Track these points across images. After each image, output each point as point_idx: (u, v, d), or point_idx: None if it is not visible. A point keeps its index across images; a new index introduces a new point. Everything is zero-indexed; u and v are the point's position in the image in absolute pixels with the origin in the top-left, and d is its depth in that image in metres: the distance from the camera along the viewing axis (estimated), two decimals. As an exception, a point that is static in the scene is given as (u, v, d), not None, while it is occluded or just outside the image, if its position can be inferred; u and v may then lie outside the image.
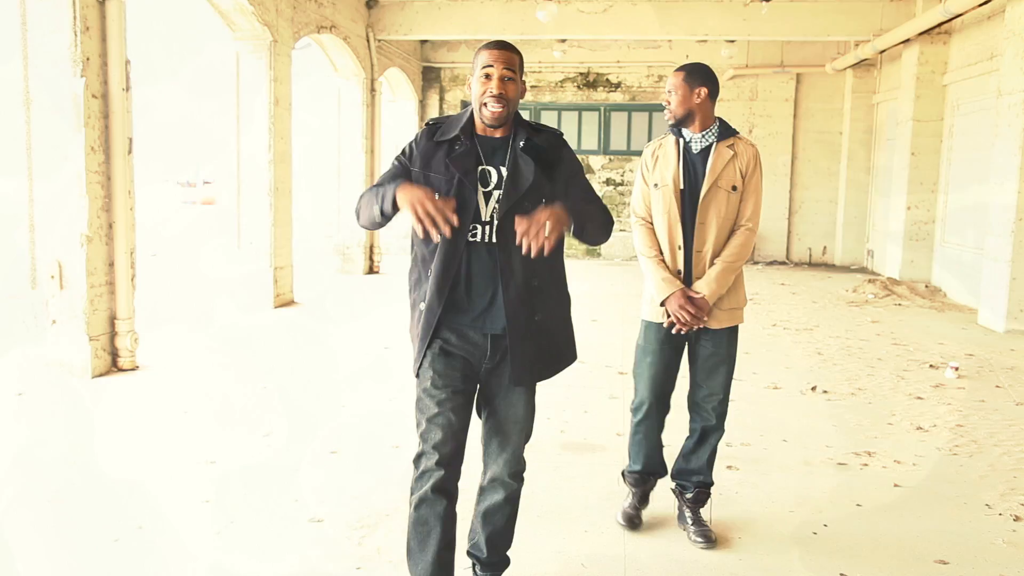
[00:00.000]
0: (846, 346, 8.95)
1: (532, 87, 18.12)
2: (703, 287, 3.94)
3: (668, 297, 3.94)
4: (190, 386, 6.88)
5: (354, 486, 4.74)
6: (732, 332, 4.11)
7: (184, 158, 40.58)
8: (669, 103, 4.01)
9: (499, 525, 3.30)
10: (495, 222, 2.97)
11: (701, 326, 3.97)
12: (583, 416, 6.17)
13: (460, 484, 3.11)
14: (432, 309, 3.01)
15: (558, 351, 3.21)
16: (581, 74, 18.13)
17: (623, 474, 4.37)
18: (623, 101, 18.22)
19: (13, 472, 4.90)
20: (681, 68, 4.05)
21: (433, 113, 18.40)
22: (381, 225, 3.03)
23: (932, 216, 13.56)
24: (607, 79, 18.16)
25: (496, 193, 2.98)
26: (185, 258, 16.54)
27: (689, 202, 4.00)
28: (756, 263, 17.35)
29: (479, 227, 2.99)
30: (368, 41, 14.39)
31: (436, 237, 2.84)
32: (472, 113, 3.08)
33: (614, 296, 12.15)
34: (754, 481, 4.95)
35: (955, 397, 6.91)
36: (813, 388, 7.06)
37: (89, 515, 4.29)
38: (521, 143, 3.01)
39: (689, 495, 4.21)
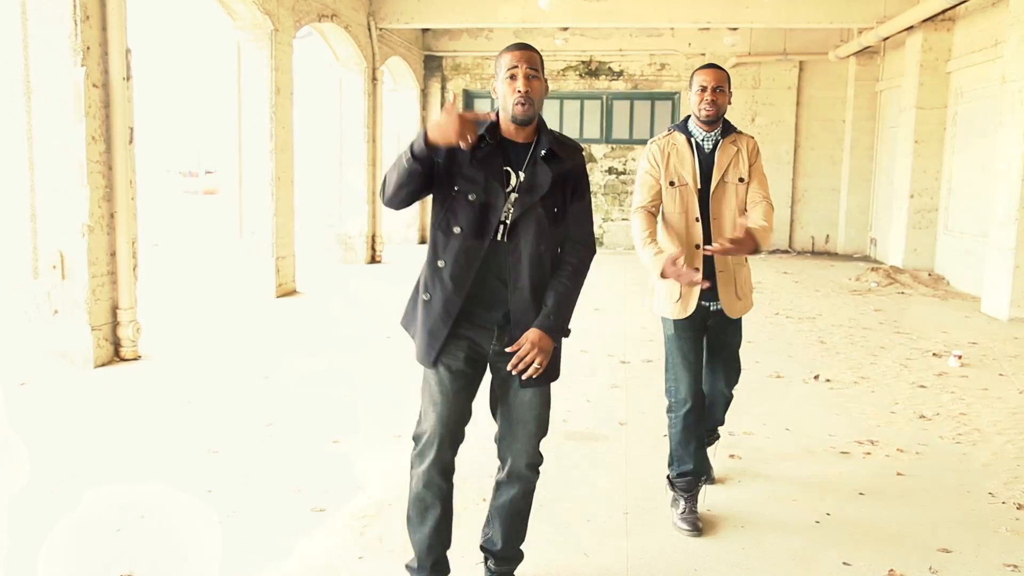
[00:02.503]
0: (849, 335, 8.94)
1: (534, 76, 18.06)
2: (756, 221, 3.95)
3: (664, 268, 3.84)
4: (192, 376, 6.89)
5: (356, 476, 4.74)
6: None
7: (186, 148, 40.56)
8: (716, 101, 4.01)
9: (516, 519, 3.36)
10: (508, 223, 3.05)
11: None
12: (585, 405, 6.17)
13: (470, 476, 3.12)
14: (452, 300, 3.06)
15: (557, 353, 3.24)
16: (583, 63, 18.07)
17: (670, 481, 4.26)
18: (625, 90, 18.15)
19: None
20: (718, 66, 4.10)
21: (435, 102, 18.35)
22: (408, 185, 2.99)
23: (935, 204, 13.53)
24: (609, 68, 18.10)
25: (513, 196, 3.07)
26: (187, 248, 16.54)
27: (703, 199, 4.07)
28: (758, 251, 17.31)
29: (500, 224, 3.08)
30: (369, 30, 14.35)
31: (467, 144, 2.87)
32: (497, 115, 3.15)
33: (616, 286, 12.07)
34: (756, 470, 4.95)
35: (958, 385, 6.90)
36: (816, 377, 7.06)
37: (91, 505, 4.30)
38: (543, 151, 3.08)
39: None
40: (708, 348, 4.28)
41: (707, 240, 4.03)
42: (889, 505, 4.47)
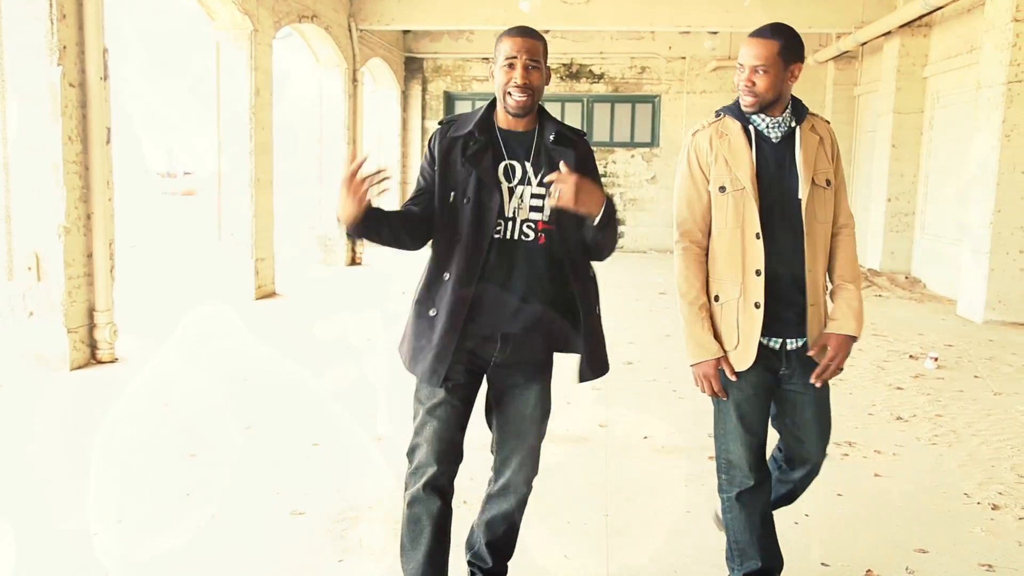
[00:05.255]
0: (827, 337, 8.95)
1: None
2: (849, 324, 3.11)
3: (700, 362, 3.11)
4: (170, 379, 6.84)
5: (336, 478, 4.72)
6: None
7: (164, 148, 40.35)
8: (753, 83, 3.04)
9: (508, 533, 3.22)
10: (518, 219, 2.89)
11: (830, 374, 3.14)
12: (565, 407, 6.15)
13: (459, 486, 3.06)
14: (457, 313, 2.85)
15: (602, 352, 3.14)
16: (564, 65, 18.09)
17: None
18: (606, 92, 18.20)
19: (-9, 465, 4.87)
20: (768, 34, 3.04)
21: (416, 104, 18.37)
22: (394, 241, 2.90)
23: (912, 208, 13.60)
24: (590, 70, 18.14)
25: (520, 188, 2.90)
26: (165, 249, 16.45)
27: (776, 209, 3.07)
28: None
29: (503, 223, 2.89)
30: (350, 31, 14.32)
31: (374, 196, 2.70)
32: (488, 108, 2.99)
33: (607, 286, 12.01)
34: (735, 472, 4.96)
35: (934, 387, 6.95)
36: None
37: (69, 509, 4.26)
38: (551, 136, 2.93)
39: None
40: (785, 406, 3.29)
41: (785, 264, 3.07)
42: (867, 506, 4.50)
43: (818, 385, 3.16)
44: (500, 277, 2.89)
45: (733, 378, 3.10)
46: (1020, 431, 5.84)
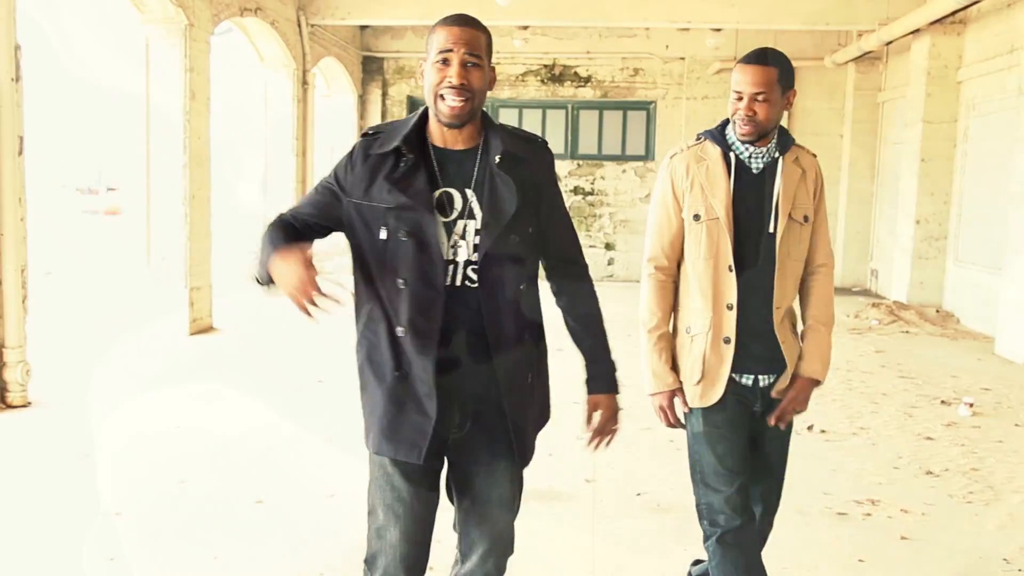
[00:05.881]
0: (847, 379, 9.05)
1: (489, 81, 18.09)
2: (814, 367, 3.37)
3: (656, 393, 3.40)
4: (91, 425, 6.81)
5: (283, 540, 4.73)
6: None
7: (85, 161, 40.21)
8: (754, 112, 3.20)
9: None
10: (461, 261, 2.68)
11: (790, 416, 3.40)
12: (548, 460, 6.17)
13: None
14: (428, 372, 2.65)
15: (544, 412, 3.11)
16: (546, 66, 18.19)
17: None
18: (594, 98, 18.30)
19: None
20: (766, 60, 3.25)
21: (375, 110, 18.38)
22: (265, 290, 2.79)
23: (944, 231, 13.66)
24: (575, 72, 18.24)
25: (461, 224, 2.67)
26: (86, 277, 16.38)
27: (749, 242, 3.28)
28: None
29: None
30: (299, 26, 14.35)
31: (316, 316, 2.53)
32: (420, 118, 2.76)
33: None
34: (743, 533, 4.99)
35: (969, 437, 7.01)
36: (810, 428, 7.12)
37: (-28, 576, 4.26)
38: (497, 157, 2.69)
39: None
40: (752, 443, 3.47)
41: (754, 298, 3.28)
42: (892, 573, 4.53)
43: (781, 427, 3.40)
44: (449, 334, 2.69)
45: (685, 410, 3.37)
46: (1066, 486, 5.90)
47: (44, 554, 4.52)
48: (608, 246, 18.30)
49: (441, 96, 2.63)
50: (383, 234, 2.66)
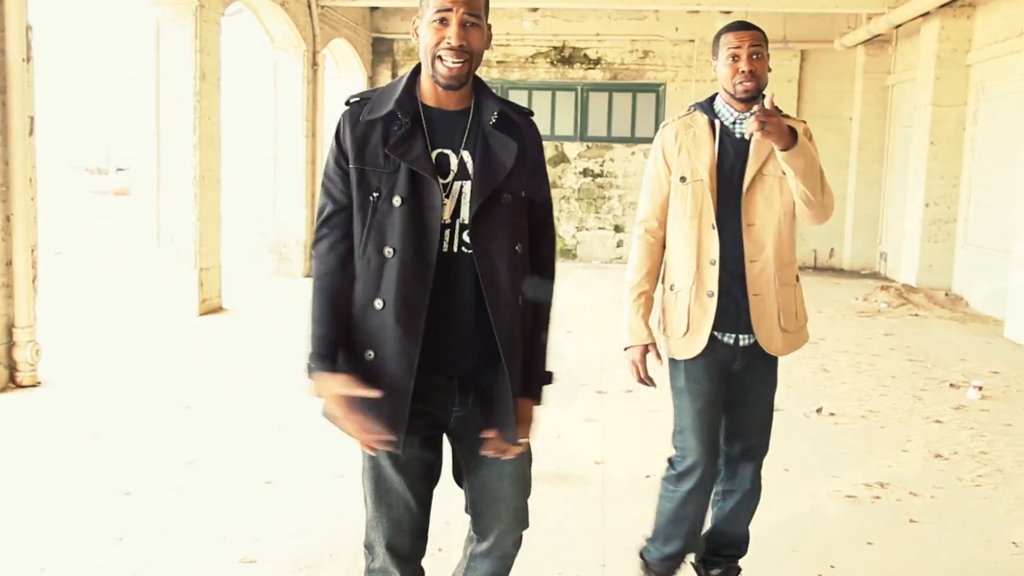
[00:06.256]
0: (855, 362, 9.04)
1: (499, 63, 18.06)
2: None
3: (629, 347, 3.64)
4: (101, 405, 6.83)
5: (292, 521, 4.72)
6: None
7: (95, 141, 40.24)
8: (754, 71, 3.39)
9: None
10: (457, 224, 2.58)
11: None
12: (556, 442, 6.16)
13: (434, 532, 2.94)
14: (409, 352, 2.52)
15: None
16: (555, 48, 18.13)
17: (644, 561, 3.87)
18: (603, 80, 18.24)
19: None
20: (750, 25, 3.46)
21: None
22: None
23: (953, 214, 13.67)
24: (585, 55, 18.17)
25: (458, 184, 2.57)
26: (95, 257, 16.40)
27: (728, 201, 3.50)
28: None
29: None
30: (309, 7, 14.31)
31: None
32: (410, 79, 2.68)
33: (592, 304, 12.20)
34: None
35: (978, 420, 7.00)
36: (818, 410, 7.11)
37: (-18, 555, 4.26)
38: (493, 117, 2.62)
39: (716, 572, 3.88)
40: (727, 405, 3.70)
41: (730, 256, 3.49)
42: (901, 556, 4.52)
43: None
44: (445, 303, 2.58)
45: (659, 363, 3.66)
46: (1075, 470, 5.88)
47: (53, 533, 4.52)
48: (617, 228, 18.24)
49: (439, 57, 2.55)
50: (373, 196, 2.56)
